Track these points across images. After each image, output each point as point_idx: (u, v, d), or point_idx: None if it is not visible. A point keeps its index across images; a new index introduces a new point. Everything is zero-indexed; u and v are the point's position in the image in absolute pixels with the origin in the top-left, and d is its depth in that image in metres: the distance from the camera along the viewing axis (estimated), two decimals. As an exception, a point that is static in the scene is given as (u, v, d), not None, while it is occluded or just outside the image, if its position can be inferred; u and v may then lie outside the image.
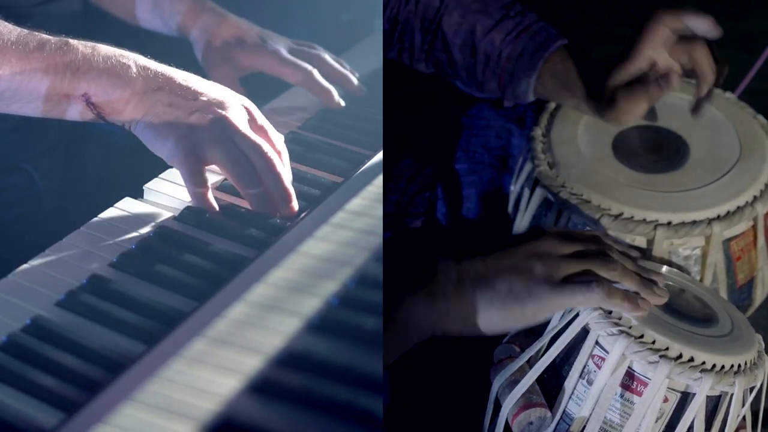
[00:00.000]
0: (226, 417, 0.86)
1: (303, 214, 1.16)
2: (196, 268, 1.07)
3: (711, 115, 1.27)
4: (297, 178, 1.24)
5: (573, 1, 1.36)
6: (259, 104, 1.37)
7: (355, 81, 1.45)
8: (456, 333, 1.00)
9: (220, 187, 1.22)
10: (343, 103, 1.41)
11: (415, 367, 1.08)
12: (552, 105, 1.29)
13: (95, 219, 1.14)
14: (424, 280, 1.00)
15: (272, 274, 1.04)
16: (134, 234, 1.12)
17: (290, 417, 0.86)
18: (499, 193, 1.35)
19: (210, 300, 1.00)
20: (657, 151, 1.23)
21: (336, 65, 1.45)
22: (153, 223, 1.14)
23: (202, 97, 1.14)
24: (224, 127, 1.13)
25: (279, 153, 1.17)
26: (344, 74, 1.45)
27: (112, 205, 1.16)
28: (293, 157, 1.29)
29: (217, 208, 1.15)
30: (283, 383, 0.90)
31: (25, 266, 1.05)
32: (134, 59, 1.14)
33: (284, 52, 1.41)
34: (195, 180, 1.13)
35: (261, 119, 1.19)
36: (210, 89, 1.16)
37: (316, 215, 1.15)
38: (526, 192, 1.24)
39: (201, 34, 1.41)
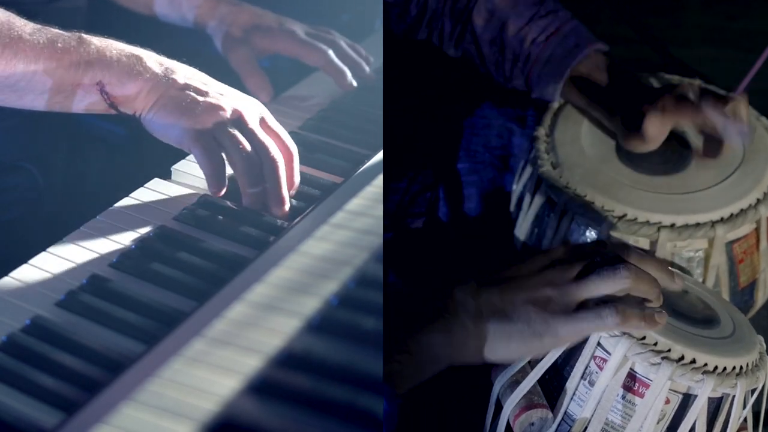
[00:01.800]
0: (226, 417, 0.86)
1: (303, 214, 1.15)
2: (196, 268, 1.07)
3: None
4: (297, 178, 1.24)
5: (573, 1, 1.36)
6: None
7: (366, 68, 1.48)
8: (472, 363, 1.00)
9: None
10: (355, 84, 1.43)
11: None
12: (555, 105, 1.29)
13: (95, 219, 1.14)
14: (440, 311, 1.00)
15: (272, 274, 1.04)
16: (134, 234, 1.12)
17: (290, 417, 0.86)
18: (500, 192, 1.35)
19: (210, 300, 1.00)
20: (661, 153, 1.22)
21: (349, 51, 1.47)
22: (153, 223, 1.14)
23: (215, 88, 1.17)
24: (236, 117, 1.15)
25: (291, 155, 1.19)
26: (356, 60, 1.47)
27: (112, 205, 1.16)
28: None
29: (222, 191, 1.16)
30: (283, 383, 0.90)
31: (25, 266, 1.05)
32: (148, 53, 1.16)
33: (301, 34, 1.44)
34: (211, 158, 1.13)
35: (272, 122, 1.20)
36: (223, 86, 1.19)
37: (316, 215, 1.15)
38: (529, 192, 1.24)
39: (219, 24, 1.44)
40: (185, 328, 0.96)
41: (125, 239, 1.11)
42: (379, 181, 1.22)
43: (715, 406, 0.98)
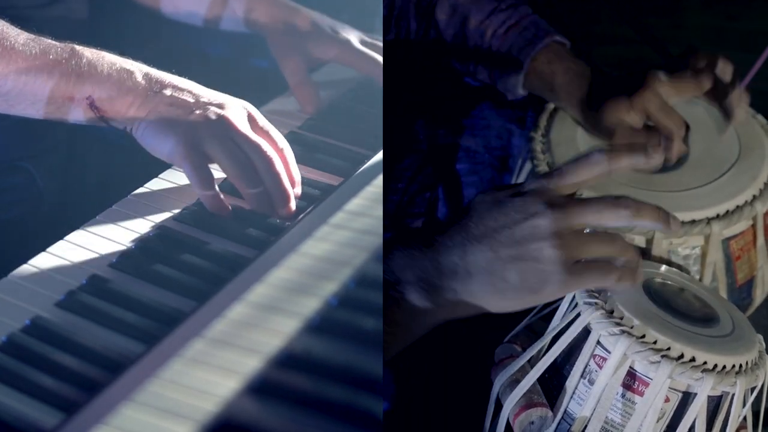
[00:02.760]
0: (226, 418, 0.86)
1: (303, 214, 1.16)
2: (196, 268, 1.07)
3: (711, 114, 1.27)
4: (297, 178, 1.24)
5: (573, 1, 1.36)
6: (259, 105, 1.38)
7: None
8: (462, 317, 0.96)
9: (219, 188, 1.21)
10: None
11: (416, 366, 1.08)
12: (551, 106, 1.29)
13: (95, 219, 1.14)
14: (423, 286, 0.95)
15: (272, 274, 1.04)
16: (134, 234, 1.12)
17: (290, 417, 0.86)
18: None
19: (210, 300, 1.00)
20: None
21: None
22: (153, 223, 1.14)
23: (202, 99, 1.16)
24: (224, 125, 1.14)
25: (282, 151, 1.18)
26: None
27: (112, 205, 1.16)
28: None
29: (229, 207, 1.15)
30: (282, 384, 0.90)
31: (25, 266, 1.05)
32: (138, 66, 1.16)
33: (356, 43, 1.43)
34: (200, 174, 1.13)
35: (262, 121, 1.19)
36: (210, 93, 1.18)
37: (316, 215, 1.15)
38: (526, 192, 1.24)
39: (274, 26, 1.44)
40: (185, 328, 0.97)
41: (125, 239, 1.11)
42: (379, 181, 1.22)
43: (715, 405, 0.98)
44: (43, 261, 1.06)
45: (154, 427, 0.85)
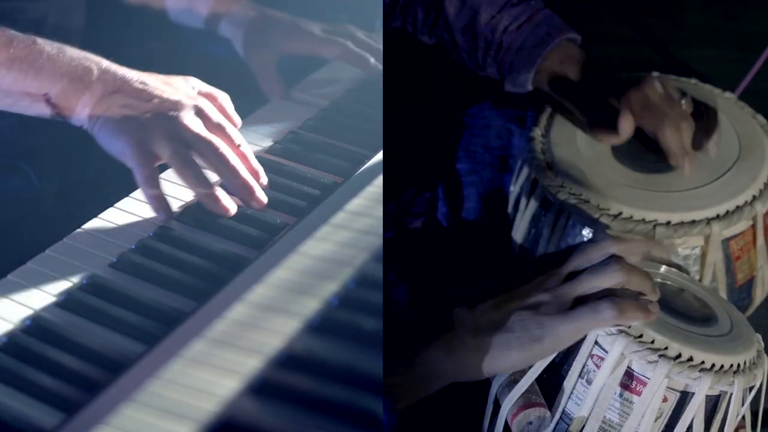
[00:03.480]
0: (226, 418, 0.86)
1: (303, 214, 1.16)
2: (196, 268, 1.07)
3: (710, 114, 1.28)
4: (297, 178, 1.24)
5: (573, 1, 1.36)
6: (260, 104, 1.38)
7: (372, 63, 1.46)
8: (475, 379, 1.00)
9: (219, 187, 1.22)
10: (381, 67, 1.44)
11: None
12: (551, 106, 1.29)
13: (95, 219, 1.14)
14: (441, 329, 1.00)
15: (272, 274, 1.04)
16: (134, 234, 1.12)
17: (290, 418, 0.86)
18: (499, 193, 1.35)
19: (210, 300, 1.00)
20: (656, 151, 1.22)
21: (367, 40, 1.48)
22: (153, 223, 1.14)
23: (155, 99, 1.16)
24: (174, 125, 1.14)
25: (238, 147, 1.19)
26: (375, 47, 1.47)
27: (112, 205, 1.16)
28: (293, 157, 1.29)
29: (171, 213, 1.15)
30: (283, 384, 0.90)
31: (25, 266, 1.05)
32: (97, 62, 1.16)
33: (319, 32, 1.46)
34: (145, 174, 1.13)
35: (217, 117, 1.19)
36: (166, 91, 1.18)
37: (316, 215, 1.15)
38: (526, 192, 1.24)
39: (238, 23, 1.45)
40: (185, 328, 0.97)
41: (125, 239, 1.11)
42: (379, 181, 1.22)
43: (713, 404, 0.98)
44: (43, 261, 1.06)
45: (154, 427, 0.85)
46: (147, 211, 1.16)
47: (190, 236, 1.12)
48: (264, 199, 1.17)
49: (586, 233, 1.17)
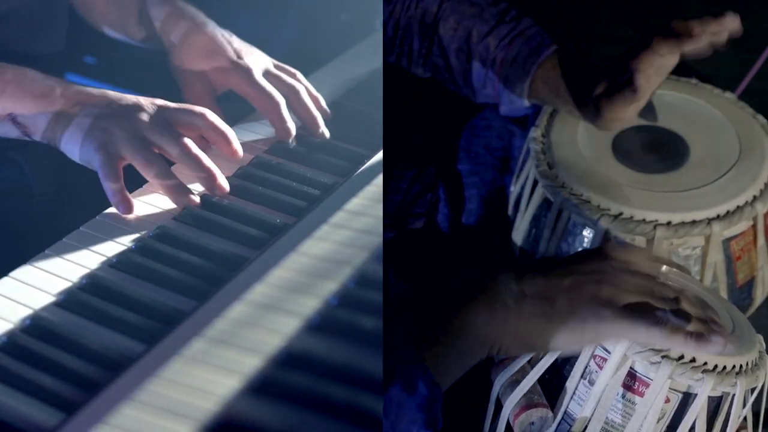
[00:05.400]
0: (226, 417, 0.86)
1: (303, 214, 1.16)
2: (196, 268, 1.07)
3: (711, 114, 1.28)
4: (297, 178, 1.24)
5: (573, 1, 1.36)
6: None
7: (319, 124, 1.35)
8: (510, 353, 0.99)
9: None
10: (294, 144, 1.32)
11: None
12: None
13: (95, 219, 1.14)
14: (483, 290, 0.98)
15: (272, 274, 1.04)
16: (134, 234, 1.12)
17: (290, 417, 0.86)
18: (501, 194, 1.35)
19: (210, 300, 1.00)
20: (657, 151, 1.22)
21: (308, 103, 1.35)
22: (153, 223, 1.14)
23: (114, 104, 1.18)
24: (133, 124, 1.16)
25: (208, 120, 1.20)
26: (312, 116, 1.35)
27: (111, 206, 1.16)
28: (293, 157, 1.29)
29: (133, 210, 1.15)
30: (282, 383, 0.90)
31: (25, 266, 1.05)
32: (59, 82, 1.20)
33: (257, 74, 1.33)
34: (106, 171, 1.14)
35: (174, 105, 1.21)
36: (124, 98, 1.19)
37: (316, 215, 1.15)
38: (526, 192, 1.24)
39: (176, 44, 1.37)
40: (185, 328, 0.97)
41: (125, 239, 1.11)
42: (379, 181, 1.22)
43: (715, 405, 0.98)
44: (43, 261, 1.06)
45: (154, 426, 0.85)
46: (147, 211, 1.16)
47: (190, 236, 1.12)
48: (226, 186, 1.19)
49: (587, 234, 1.17)
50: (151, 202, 1.18)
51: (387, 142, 1.29)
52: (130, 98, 1.19)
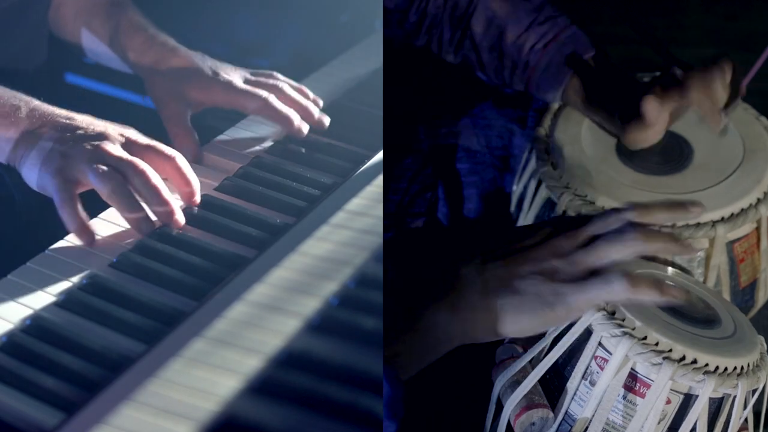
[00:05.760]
0: (226, 417, 0.86)
1: (303, 214, 1.16)
2: (196, 268, 1.07)
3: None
4: (297, 178, 1.24)
5: (573, 1, 1.36)
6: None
7: (316, 112, 1.36)
8: (482, 341, 0.99)
9: (219, 187, 1.22)
10: (305, 131, 1.33)
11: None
12: (555, 105, 1.29)
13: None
14: (446, 289, 0.98)
15: (272, 274, 1.04)
16: (134, 234, 1.12)
17: (290, 417, 0.86)
18: (500, 193, 1.35)
19: (210, 300, 1.00)
20: (661, 153, 1.22)
21: (295, 95, 1.36)
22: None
23: (79, 130, 1.15)
24: (96, 151, 1.12)
25: (174, 163, 1.16)
26: (303, 105, 1.36)
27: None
28: (293, 157, 1.29)
29: (94, 239, 1.11)
30: (283, 383, 0.90)
31: (25, 266, 1.05)
32: (27, 101, 1.17)
33: (237, 83, 1.34)
34: (62, 197, 1.10)
35: (144, 140, 1.17)
36: (91, 123, 1.16)
37: (316, 215, 1.15)
38: (530, 192, 1.24)
39: (149, 70, 1.36)
40: (185, 328, 0.97)
41: (125, 240, 1.11)
42: (379, 181, 1.22)
43: (716, 407, 0.97)
44: (43, 261, 1.06)
45: (154, 426, 0.85)
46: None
47: (190, 236, 1.12)
48: (181, 222, 1.14)
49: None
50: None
51: (387, 142, 1.29)
52: (99, 125, 1.16)
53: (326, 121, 1.36)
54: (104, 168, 1.10)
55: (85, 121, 1.16)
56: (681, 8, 1.85)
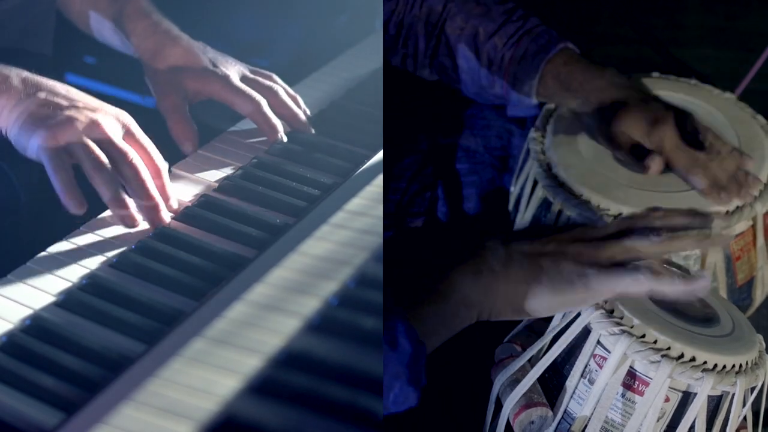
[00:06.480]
0: (226, 417, 0.86)
1: (303, 214, 1.16)
2: (196, 268, 1.07)
3: (711, 115, 1.27)
4: (297, 178, 1.24)
5: (573, 1, 1.36)
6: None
7: (303, 119, 1.36)
8: (501, 316, 0.99)
9: (219, 188, 1.22)
10: (285, 139, 1.33)
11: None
12: (551, 106, 1.29)
13: (95, 219, 1.14)
14: (471, 255, 1.00)
15: (272, 274, 1.04)
16: (134, 234, 1.12)
17: (290, 417, 0.86)
18: (499, 193, 1.35)
19: (210, 300, 1.00)
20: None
21: (288, 101, 1.36)
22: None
23: (76, 102, 1.15)
24: (92, 128, 1.12)
25: (158, 170, 1.16)
26: (294, 112, 1.36)
27: (104, 210, 1.15)
28: (293, 157, 1.29)
29: (85, 206, 1.11)
30: (283, 383, 0.90)
31: (25, 266, 1.05)
32: (18, 72, 1.16)
33: (234, 79, 1.34)
34: (54, 164, 1.10)
35: (138, 133, 1.17)
36: (88, 99, 1.16)
37: (316, 215, 1.15)
38: (526, 192, 1.24)
39: (150, 57, 1.37)
40: (185, 328, 0.97)
41: (125, 240, 1.11)
42: (379, 181, 1.22)
43: (715, 404, 0.98)
44: (43, 261, 1.06)
45: (154, 426, 0.85)
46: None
47: (190, 236, 1.12)
48: (167, 219, 1.14)
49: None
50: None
51: (387, 142, 1.29)
52: (96, 102, 1.16)
53: (312, 130, 1.36)
54: (96, 148, 1.11)
55: (81, 94, 1.17)
56: (681, 8, 1.85)
